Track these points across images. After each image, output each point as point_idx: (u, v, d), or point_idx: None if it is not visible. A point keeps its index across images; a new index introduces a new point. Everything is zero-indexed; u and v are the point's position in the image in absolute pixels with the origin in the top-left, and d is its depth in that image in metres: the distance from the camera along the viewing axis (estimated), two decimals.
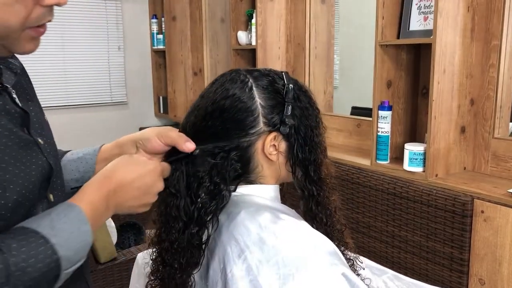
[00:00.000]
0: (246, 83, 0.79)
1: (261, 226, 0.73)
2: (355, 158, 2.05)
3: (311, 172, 0.81)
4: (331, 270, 0.68)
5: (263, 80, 0.80)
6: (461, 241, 1.55)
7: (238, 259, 0.71)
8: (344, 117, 2.38)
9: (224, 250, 0.74)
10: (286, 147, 0.81)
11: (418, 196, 1.67)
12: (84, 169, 0.87)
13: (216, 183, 0.77)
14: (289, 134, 0.79)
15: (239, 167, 0.79)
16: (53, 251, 0.61)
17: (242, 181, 0.81)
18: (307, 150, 0.80)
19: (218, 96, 0.79)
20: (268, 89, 0.79)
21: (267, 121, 0.78)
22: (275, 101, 0.79)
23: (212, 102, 0.79)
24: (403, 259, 1.75)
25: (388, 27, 1.83)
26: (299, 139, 0.80)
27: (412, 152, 1.73)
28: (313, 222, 0.84)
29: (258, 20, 2.49)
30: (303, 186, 0.82)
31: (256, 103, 0.78)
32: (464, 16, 1.65)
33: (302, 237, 0.72)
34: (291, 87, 0.80)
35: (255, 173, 0.81)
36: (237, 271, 0.70)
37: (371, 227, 1.86)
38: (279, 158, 0.81)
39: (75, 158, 0.88)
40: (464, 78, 1.71)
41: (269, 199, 0.82)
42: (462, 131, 1.75)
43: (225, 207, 0.79)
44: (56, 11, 0.72)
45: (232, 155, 0.77)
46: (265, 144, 0.79)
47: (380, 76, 1.84)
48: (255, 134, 0.78)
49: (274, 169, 0.82)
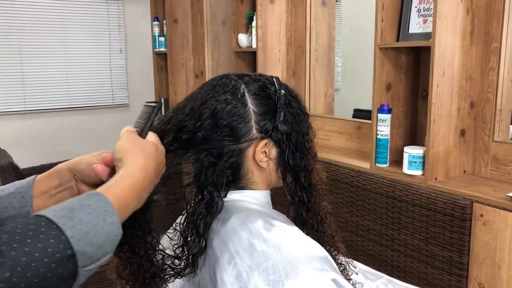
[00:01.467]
0: (238, 88, 0.78)
1: (251, 232, 0.73)
2: (355, 161, 2.04)
3: (302, 178, 0.81)
4: (321, 276, 0.68)
5: (254, 85, 0.79)
6: (460, 245, 1.54)
7: (228, 265, 0.70)
8: (345, 120, 2.37)
9: (215, 256, 0.73)
10: (277, 153, 0.80)
11: (417, 200, 1.66)
12: (19, 204, 0.76)
13: (209, 191, 0.76)
14: (280, 140, 0.78)
15: (229, 174, 0.78)
16: (65, 246, 0.52)
17: (232, 187, 0.80)
18: (298, 156, 0.80)
19: (209, 98, 0.77)
20: (260, 94, 0.79)
21: (259, 128, 0.77)
22: (267, 107, 0.78)
23: (201, 103, 0.77)
24: (402, 262, 1.74)
25: (387, 29, 1.82)
26: (291, 145, 0.79)
27: (411, 155, 1.72)
28: (303, 228, 0.83)
29: (259, 23, 2.49)
30: (293, 192, 0.81)
31: (249, 109, 0.77)
32: (463, 19, 1.64)
33: (292, 243, 0.72)
34: (283, 93, 0.79)
35: (245, 179, 0.81)
36: (227, 277, 0.70)
37: (370, 230, 1.85)
38: (269, 165, 0.80)
39: (6, 194, 0.77)
40: (463, 81, 1.70)
41: (260, 205, 0.81)
42: (462, 134, 1.74)
43: None
44: (58, 13, 0.72)
45: (222, 161, 0.76)
46: (256, 151, 0.78)
47: (379, 79, 1.84)
48: (247, 140, 0.77)
49: (265, 175, 0.81)
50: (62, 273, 0.52)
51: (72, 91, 3.41)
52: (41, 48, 3.26)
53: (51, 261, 0.51)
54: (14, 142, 3.16)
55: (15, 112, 3.23)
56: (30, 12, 3.18)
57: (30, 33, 3.20)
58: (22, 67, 3.21)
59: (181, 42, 3.42)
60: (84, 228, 0.54)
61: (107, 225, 0.57)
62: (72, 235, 0.53)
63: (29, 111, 3.27)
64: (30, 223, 0.53)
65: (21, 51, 3.19)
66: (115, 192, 0.61)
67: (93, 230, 0.55)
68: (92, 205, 0.58)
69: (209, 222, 0.76)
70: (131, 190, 0.64)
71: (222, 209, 0.78)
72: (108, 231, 0.57)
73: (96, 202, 0.58)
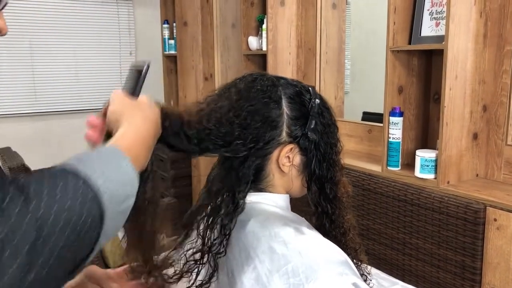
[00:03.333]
0: (275, 88, 0.78)
1: (271, 235, 0.72)
2: (366, 164, 2.03)
3: (327, 189, 0.80)
4: (341, 280, 0.67)
5: (290, 89, 0.79)
6: (473, 249, 1.53)
7: (248, 268, 0.70)
8: (355, 122, 2.36)
9: (234, 259, 0.73)
10: (300, 161, 0.80)
11: (429, 203, 1.65)
12: None
13: (234, 191, 0.76)
14: (308, 148, 0.78)
15: (252, 174, 0.77)
16: (86, 185, 0.49)
17: (251, 188, 0.80)
18: (325, 167, 0.79)
19: (245, 96, 0.76)
20: (295, 99, 0.78)
21: (289, 132, 0.77)
22: (299, 113, 0.78)
23: (237, 99, 0.75)
24: (414, 266, 1.73)
25: (399, 32, 1.82)
26: (318, 155, 0.78)
27: (423, 158, 1.71)
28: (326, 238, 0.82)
29: (269, 26, 2.49)
30: (318, 202, 0.81)
31: (283, 111, 0.77)
32: (476, 21, 1.63)
33: (312, 246, 0.71)
34: (318, 102, 0.79)
35: (265, 181, 0.80)
36: (246, 280, 0.70)
37: (381, 234, 1.85)
38: (291, 171, 0.80)
39: None
40: (476, 84, 1.69)
41: (279, 208, 0.81)
42: (475, 137, 1.73)
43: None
44: (68, 16, 0.73)
45: (249, 160, 0.76)
46: (280, 154, 0.78)
47: (391, 82, 1.83)
48: (275, 142, 0.77)
49: (286, 180, 0.81)
50: (89, 213, 0.48)
51: (82, 93, 3.43)
52: (51, 50, 3.28)
53: (74, 203, 0.48)
54: (25, 144, 3.17)
55: (25, 114, 3.25)
56: (41, 15, 3.21)
57: (41, 36, 3.23)
58: (33, 69, 3.23)
59: (191, 45, 3.43)
60: (99, 167, 0.53)
61: (122, 167, 0.55)
62: (89, 173, 0.51)
63: (39, 113, 3.30)
64: (49, 173, 0.50)
65: (32, 53, 3.21)
66: (123, 143, 0.60)
67: (109, 170, 0.53)
68: (104, 151, 0.57)
69: (233, 222, 0.75)
70: (138, 140, 0.63)
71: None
72: (125, 171, 0.55)
73: (107, 150, 0.57)
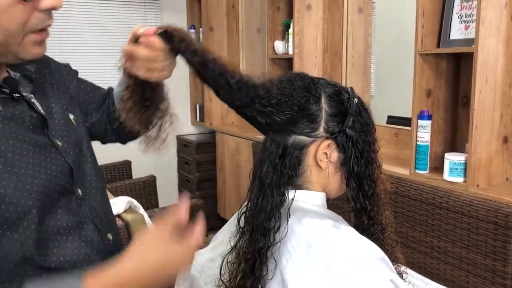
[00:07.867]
0: (315, 85, 0.80)
1: (307, 230, 0.74)
2: (393, 167, 2.03)
3: (366, 186, 0.82)
4: (379, 275, 0.69)
5: (329, 88, 0.81)
6: (504, 254, 1.52)
7: (286, 263, 0.72)
8: (382, 126, 2.36)
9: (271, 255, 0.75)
10: (338, 158, 0.81)
11: (458, 207, 1.64)
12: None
13: (274, 185, 0.77)
14: (345, 145, 0.80)
15: (292, 166, 0.79)
16: None
17: (289, 184, 0.81)
18: (363, 164, 0.81)
19: (289, 85, 0.79)
20: (334, 98, 0.80)
21: (327, 127, 0.79)
22: (338, 110, 0.80)
23: (281, 93, 0.78)
24: (442, 270, 1.72)
25: (428, 36, 1.82)
26: (356, 152, 0.80)
27: (452, 162, 1.70)
28: (364, 235, 0.82)
29: (295, 30, 2.51)
30: (356, 199, 0.82)
31: (322, 107, 0.79)
32: (507, 24, 1.62)
33: (349, 242, 0.73)
34: (356, 101, 0.81)
35: (303, 177, 0.82)
36: (285, 274, 0.72)
37: (409, 237, 1.84)
38: (329, 167, 0.81)
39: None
40: (507, 87, 1.68)
41: (316, 205, 0.82)
42: (505, 141, 1.72)
43: None
44: (96, 21, 0.76)
45: (288, 154, 0.78)
46: (318, 150, 0.79)
47: (419, 85, 1.83)
48: (313, 136, 0.79)
49: (323, 177, 0.82)
50: None
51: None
52: (80, 56, 3.37)
53: None
54: None
55: None
56: (69, 21, 3.30)
57: (70, 42, 3.32)
58: None
59: (216, 50, 3.46)
60: None
61: None
62: None
63: None
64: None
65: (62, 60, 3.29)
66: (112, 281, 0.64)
67: None
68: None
69: (276, 215, 0.76)
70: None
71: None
72: None
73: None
